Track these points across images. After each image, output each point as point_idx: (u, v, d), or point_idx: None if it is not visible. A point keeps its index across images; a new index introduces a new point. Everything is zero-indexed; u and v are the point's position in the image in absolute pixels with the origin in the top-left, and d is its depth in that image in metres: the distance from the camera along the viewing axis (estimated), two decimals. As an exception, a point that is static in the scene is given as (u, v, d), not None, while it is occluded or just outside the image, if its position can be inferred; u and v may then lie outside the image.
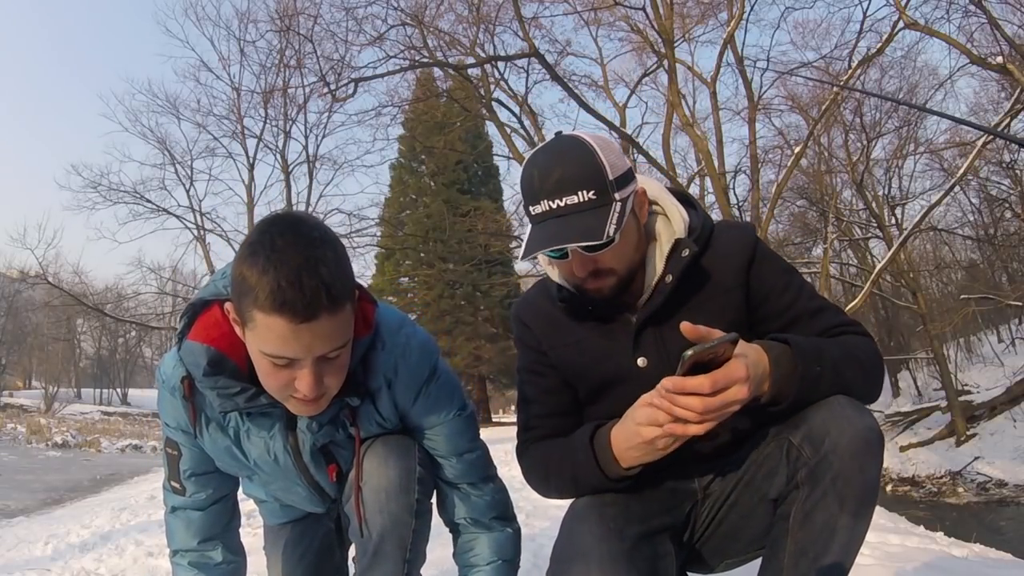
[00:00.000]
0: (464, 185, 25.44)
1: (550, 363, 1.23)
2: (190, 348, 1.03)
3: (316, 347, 0.92)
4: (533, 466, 1.22)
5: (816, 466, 0.98)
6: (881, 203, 16.43)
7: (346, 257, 0.96)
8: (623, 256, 1.12)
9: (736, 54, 11.48)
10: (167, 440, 1.20)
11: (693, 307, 1.15)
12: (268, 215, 0.97)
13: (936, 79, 13.52)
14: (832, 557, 0.98)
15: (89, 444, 16.37)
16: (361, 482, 1.13)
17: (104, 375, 41.60)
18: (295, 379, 0.95)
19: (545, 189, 1.08)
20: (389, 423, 1.17)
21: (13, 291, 30.34)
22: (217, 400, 1.05)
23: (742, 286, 1.16)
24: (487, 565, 1.23)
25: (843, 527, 0.97)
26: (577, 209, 1.07)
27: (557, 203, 1.07)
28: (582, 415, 1.25)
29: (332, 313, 0.90)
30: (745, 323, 1.17)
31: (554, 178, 1.08)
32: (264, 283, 0.86)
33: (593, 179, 1.07)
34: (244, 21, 17.34)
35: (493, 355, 23.64)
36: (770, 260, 1.19)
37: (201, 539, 1.23)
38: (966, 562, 2.66)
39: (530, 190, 1.10)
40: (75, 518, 5.70)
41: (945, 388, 14.06)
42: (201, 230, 17.75)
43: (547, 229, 1.08)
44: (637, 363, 1.16)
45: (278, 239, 0.89)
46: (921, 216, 11.49)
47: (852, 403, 1.01)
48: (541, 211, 1.09)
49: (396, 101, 14.34)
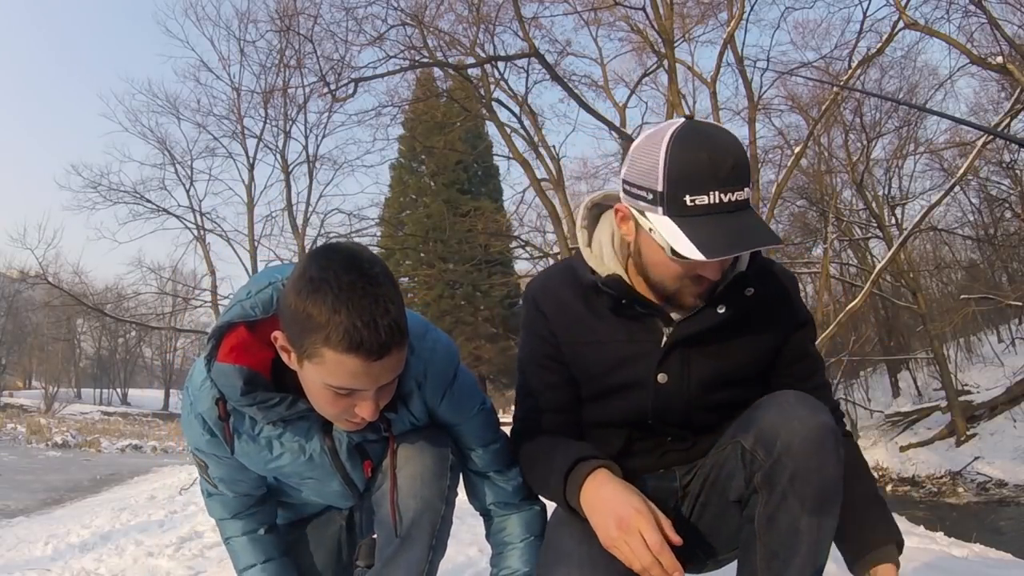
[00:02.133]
0: (464, 185, 25.43)
1: (559, 358, 1.20)
2: (222, 370, 1.05)
3: (383, 378, 0.97)
4: (519, 460, 1.25)
5: (771, 469, 0.98)
6: (881, 203, 16.43)
7: (398, 285, 0.99)
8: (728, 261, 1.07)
9: (736, 54, 11.47)
10: (192, 453, 1.25)
11: (728, 338, 1.12)
12: (320, 247, 0.99)
13: (936, 79, 13.52)
14: (802, 557, 0.98)
15: (89, 444, 16.38)
16: (396, 469, 1.17)
17: (104, 375, 41.60)
18: (355, 406, 1.00)
19: (719, 178, 0.95)
20: (420, 421, 1.21)
21: (13, 291, 30.33)
22: (260, 414, 1.09)
23: (781, 341, 1.16)
24: (520, 542, 1.28)
25: (808, 527, 0.97)
26: (743, 206, 0.97)
27: (731, 196, 0.95)
28: (580, 413, 1.24)
29: (400, 348, 0.96)
30: (768, 360, 1.17)
31: (728, 166, 0.95)
32: (336, 323, 0.89)
33: (749, 174, 0.98)
34: (244, 21, 17.22)
35: (493, 355, 23.64)
36: (811, 332, 1.20)
37: (234, 514, 1.33)
38: (966, 562, 2.66)
39: (697, 176, 0.95)
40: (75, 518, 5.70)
41: (945, 388, 14.05)
42: (201, 230, 17.73)
43: (721, 225, 0.96)
44: (657, 379, 1.13)
45: (344, 276, 0.91)
46: (921, 216, 11.48)
47: (802, 399, 1.01)
48: (711, 202, 0.95)
49: (396, 101, 14.35)
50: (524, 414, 1.25)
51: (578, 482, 1.04)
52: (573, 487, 1.04)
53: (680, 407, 1.15)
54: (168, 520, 5.01)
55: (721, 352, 1.12)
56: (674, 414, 1.16)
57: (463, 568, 2.67)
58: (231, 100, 17.33)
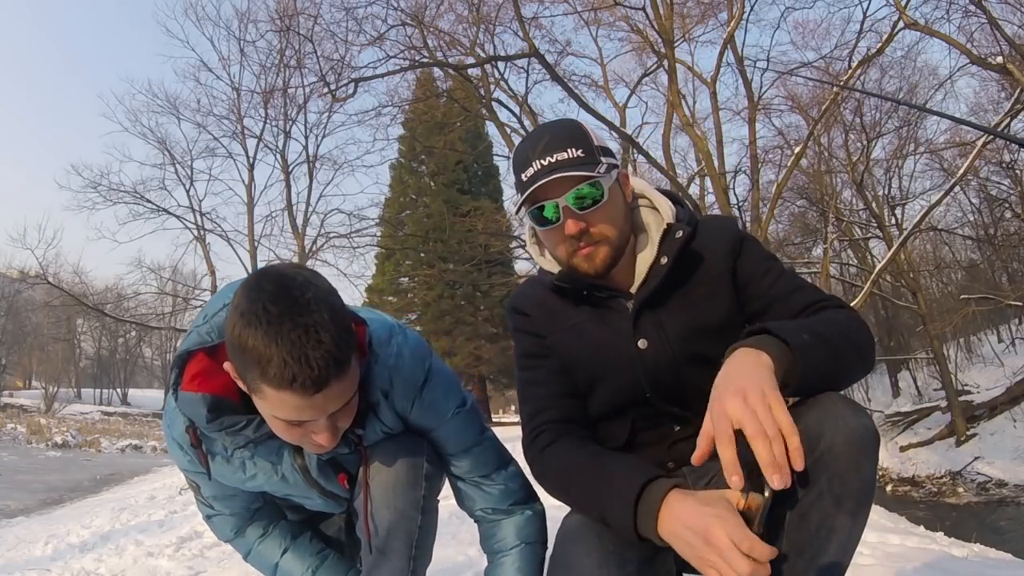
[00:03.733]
0: (464, 185, 25.44)
1: (550, 350, 1.23)
2: (186, 399, 1.04)
3: (329, 407, 0.94)
4: (552, 471, 1.14)
5: (811, 466, 0.96)
6: (881, 203, 16.44)
7: (341, 306, 0.94)
8: (613, 220, 1.15)
9: (736, 54, 11.48)
10: (184, 475, 1.28)
11: (687, 291, 1.18)
12: (253, 274, 0.95)
13: (936, 79, 13.54)
14: (829, 557, 0.97)
15: (89, 444, 16.37)
16: (369, 479, 1.16)
17: (104, 375, 41.60)
18: (311, 432, 0.98)
19: (536, 151, 1.11)
20: (395, 429, 1.19)
21: (13, 291, 30.35)
22: (228, 439, 1.09)
23: (729, 271, 1.20)
24: (511, 550, 1.25)
25: (840, 527, 0.96)
26: (567, 164, 1.10)
27: (548, 160, 1.10)
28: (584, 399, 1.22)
29: (340, 377, 0.91)
30: (736, 306, 1.20)
31: (544, 141, 1.12)
32: (267, 359, 0.86)
33: (581, 140, 1.12)
34: (244, 21, 17.38)
35: (493, 355, 23.63)
36: (753, 247, 1.23)
37: (237, 529, 1.36)
38: (966, 562, 2.66)
39: (522, 159, 1.13)
40: (75, 518, 5.70)
41: (945, 388, 14.05)
42: (201, 230, 17.78)
43: (544, 177, 1.10)
44: (638, 345, 1.16)
45: (272, 308, 0.87)
46: (921, 216, 11.47)
47: (846, 401, 1.00)
48: (532, 172, 1.11)
49: (396, 101, 14.38)
50: (537, 403, 1.21)
51: (653, 512, 0.96)
52: (648, 518, 0.96)
53: (667, 367, 1.16)
54: (168, 520, 5.01)
55: (686, 305, 1.18)
56: (666, 379, 1.16)
57: (463, 568, 2.66)
58: (231, 100, 17.43)
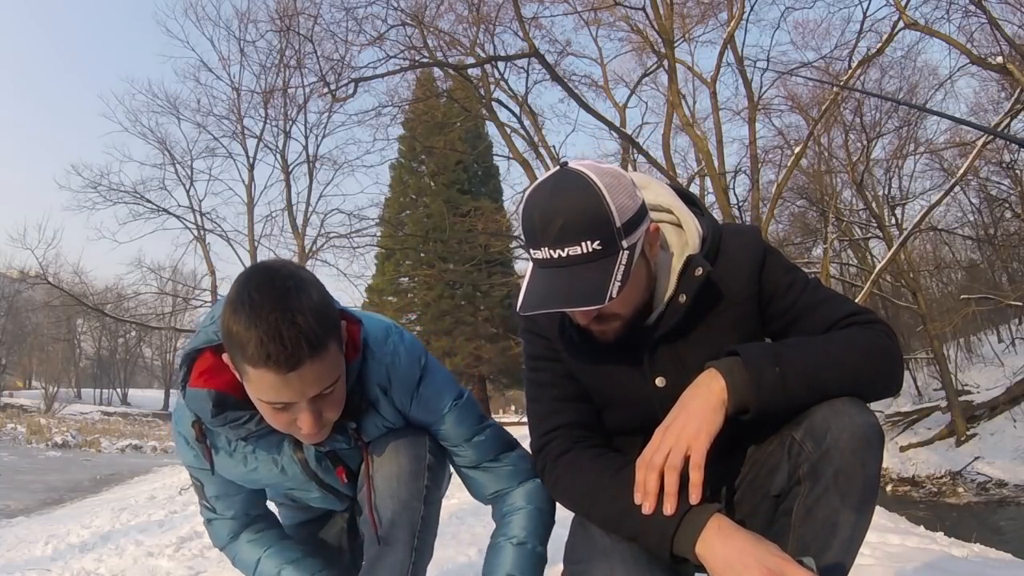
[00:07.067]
0: (464, 185, 25.45)
1: (563, 357, 1.20)
2: (193, 395, 1.10)
3: (308, 390, 0.98)
4: (569, 485, 1.12)
5: (818, 461, 0.98)
6: (881, 203, 16.44)
7: (325, 298, 1.00)
8: (629, 302, 1.08)
9: (736, 54, 11.49)
10: (189, 473, 1.31)
11: (708, 322, 1.13)
12: (246, 269, 1.02)
13: (936, 79, 13.55)
14: (834, 552, 0.98)
15: (89, 444, 16.37)
16: (372, 472, 1.19)
17: (104, 375, 41.63)
18: (296, 419, 1.02)
19: (548, 235, 1.00)
20: (396, 424, 1.23)
21: (13, 291, 30.36)
22: (232, 432, 1.14)
23: (755, 295, 1.15)
24: (519, 510, 1.26)
25: (845, 522, 0.97)
26: (581, 260, 0.99)
27: (559, 253, 1.00)
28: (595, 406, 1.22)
29: (315, 358, 0.95)
30: (760, 332, 1.16)
31: (556, 225, 0.99)
32: (248, 339, 0.92)
33: (598, 228, 0.98)
34: (244, 21, 17.35)
35: (493, 355, 23.61)
36: (775, 259, 1.17)
37: (234, 534, 1.37)
38: (966, 562, 2.66)
39: (531, 233, 1.03)
40: (75, 518, 5.70)
41: (945, 388, 14.06)
42: (201, 230, 17.77)
43: (549, 281, 1.02)
44: (655, 383, 1.13)
45: (255, 294, 0.94)
46: (921, 216, 11.49)
47: (853, 401, 1.01)
48: (543, 258, 1.02)
49: (396, 101, 14.40)
50: (548, 406, 1.20)
51: (696, 529, 0.95)
52: (688, 535, 0.96)
53: None
54: (168, 520, 5.01)
55: (709, 336, 1.13)
56: None
57: (463, 568, 2.67)
58: (231, 100, 17.40)
